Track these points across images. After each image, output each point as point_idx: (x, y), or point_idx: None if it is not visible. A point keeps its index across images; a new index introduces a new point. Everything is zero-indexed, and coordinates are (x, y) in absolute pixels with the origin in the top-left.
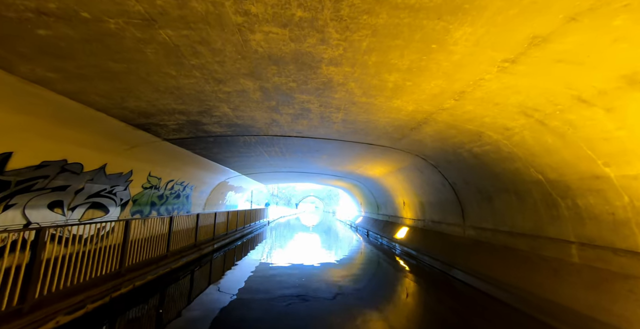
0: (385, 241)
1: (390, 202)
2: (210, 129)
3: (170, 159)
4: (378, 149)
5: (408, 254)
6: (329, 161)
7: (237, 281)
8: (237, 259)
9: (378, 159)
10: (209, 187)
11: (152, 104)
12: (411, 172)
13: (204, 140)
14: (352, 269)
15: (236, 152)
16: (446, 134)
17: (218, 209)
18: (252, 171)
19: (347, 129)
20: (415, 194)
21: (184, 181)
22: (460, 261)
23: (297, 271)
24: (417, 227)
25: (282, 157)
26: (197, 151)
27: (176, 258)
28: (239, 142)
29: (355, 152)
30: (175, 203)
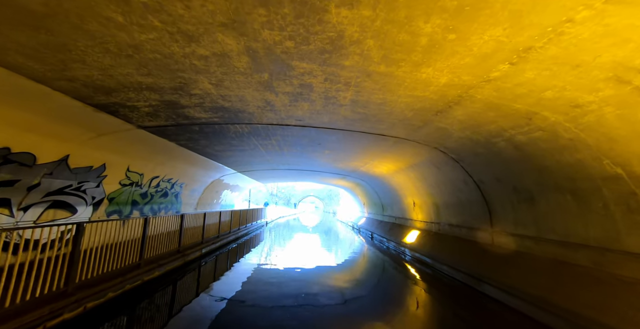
0: (392, 245)
1: (398, 203)
2: (193, 113)
3: (152, 152)
4: (390, 141)
5: (421, 262)
6: (332, 156)
7: (224, 295)
8: (228, 267)
9: (388, 153)
10: (202, 185)
11: (107, 73)
12: (426, 168)
13: (188, 129)
14: (358, 278)
15: (227, 145)
16: (482, 118)
17: (213, 209)
18: (249, 168)
19: (356, 115)
20: (428, 194)
21: (171, 178)
22: (491, 274)
23: (295, 284)
24: (430, 231)
25: (280, 152)
26: (183, 142)
27: (151, 268)
28: (229, 132)
29: (363, 145)
30: (162, 202)
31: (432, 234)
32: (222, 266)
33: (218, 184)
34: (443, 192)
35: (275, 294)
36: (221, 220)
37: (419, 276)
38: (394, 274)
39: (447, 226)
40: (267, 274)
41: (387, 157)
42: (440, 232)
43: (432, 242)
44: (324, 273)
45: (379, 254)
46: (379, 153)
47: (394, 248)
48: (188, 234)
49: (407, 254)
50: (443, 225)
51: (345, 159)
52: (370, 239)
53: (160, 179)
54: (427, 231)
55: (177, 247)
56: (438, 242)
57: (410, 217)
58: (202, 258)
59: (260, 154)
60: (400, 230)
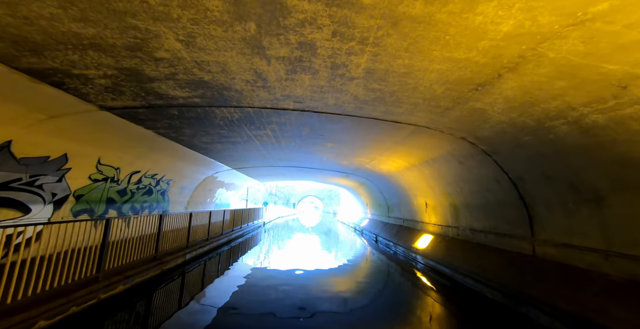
0: (400, 250)
1: (406, 204)
2: (166, 90)
3: (127, 142)
4: (405, 130)
5: (437, 271)
6: (335, 151)
7: (205, 316)
8: (215, 276)
9: (400, 146)
10: (193, 182)
11: (19, 12)
12: (445, 164)
13: (165, 113)
14: (364, 289)
15: (216, 136)
16: (543, 91)
17: (206, 208)
18: (244, 165)
19: (369, 94)
20: (445, 194)
21: (156, 174)
22: (539, 295)
23: (291, 301)
24: (446, 236)
25: (277, 146)
26: (163, 131)
27: (114, 281)
28: (215, 119)
29: (372, 136)
30: (145, 201)
31: (448, 240)
32: (209, 275)
33: (211, 182)
34: (464, 192)
35: (275, 301)
36: (212, 221)
37: (437, 289)
38: (406, 285)
39: (469, 231)
40: (261, 283)
41: (399, 151)
42: (459, 238)
43: (449, 250)
44: (327, 287)
45: (386, 260)
46: (389, 146)
47: (402, 253)
48: (169, 238)
49: (418, 261)
50: (463, 230)
51: (350, 154)
52: (374, 242)
53: (142, 174)
54: (443, 236)
55: (153, 253)
56: (458, 250)
57: (421, 219)
58: (186, 264)
59: (255, 147)
60: (410, 234)
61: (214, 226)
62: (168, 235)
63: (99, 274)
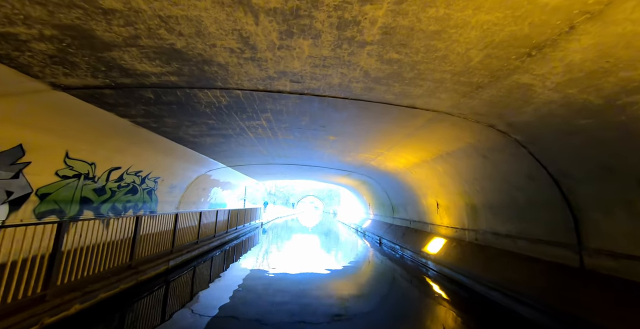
0: (408, 254)
1: (414, 204)
2: (132, 63)
3: (102, 133)
4: (422, 118)
5: (452, 280)
6: (338, 145)
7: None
8: (201, 287)
9: (412, 139)
10: (184, 181)
11: None
12: (464, 159)
13: (138, 96)
14: (375, 303)
15: (205, 127)
16: (632, 50)
17: (200, 208)
18: (240, 162)
19: (383, 68)
20: (460, 193)
21: (140, 171)
22: (590, 316)
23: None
24: (462, 240)
25: (274, 140)
26: (141, 120)
27: (67, 301)
28: (199, 105)
29: (382, 126)
30: (129, 200)
31: (465, 245)
32: (194, 285)
33: (205, 181)
34: (486, 190)
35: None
36: (204, 222)
37: (455, 301)
38: (417, 294)
39: (491, 235)
40: (254, 297)
41: (409, 145)
42: (478, 243)
43: (467, 256)
44: (330, 299)
45: (392, 266)
46: (399, 140)
47: (410, 258)
48: (150, 243)
49: (430, 267)
50: (483, 234)
51: (354, 149)
52: (378, 244)
53: (124, 171)
54: (458, 241)
55: (127, 261)
56: (478, 257)
57: (430, 221)
58: (169, 273)
59: (249, 141)
60: (418, 237)
61: (206, 228)
62: (148, 239)
63: (47, 291)
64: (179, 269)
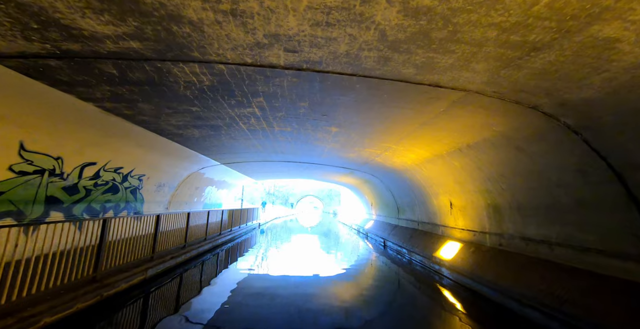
0: (417, 259)
1: (422, 204)
2: (72, 18)
3: (65, 121)
4: (445, 100)
5: (472, 291)
6: (341, 138)
7: None
8: (179, 302)
9: (427, 129)
10: (174, 179)
11: None
12: (490, 151)
13: (97, 71)
14: (382, 314)
15: (188, 116)
16: None
17: (193, 208)
18: (234, 159)
19: (409, 22)
20: (481, 191)
21: (121, 167)
22: None
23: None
24: (482, 245)
25: (270, 132)
26: (110, 106)
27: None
28: (177, 86)
29: (394, 112)
30: (109, 200)
31: (486, 251)
32: (174, 301)
33: (198, 179)
34: (515, 188)
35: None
36: (194, 224)
37: (480, 319)
38: (434, 309)
39: (519, 240)
40: (247, 314)
41: (423, 136)
42: (502, 249)
43: (490, 264)
44: (332, 316)
45: (401, 272)
46: (412, 130)
47: (420, 263)
48: (121, 249)
49: (444, 275)
50: (509, 238)
51: (358, 143)
52: (382, 247)
53: (100, 167)
54: (477, 245)
55: (90, 273)
56: (505, 265)
57: (442, 223)
58: (146, 284)
59: (242, 134)
60: (429, 240)
61: (195, 230)
62: (121, 246)
63: None
64: (160, 279)
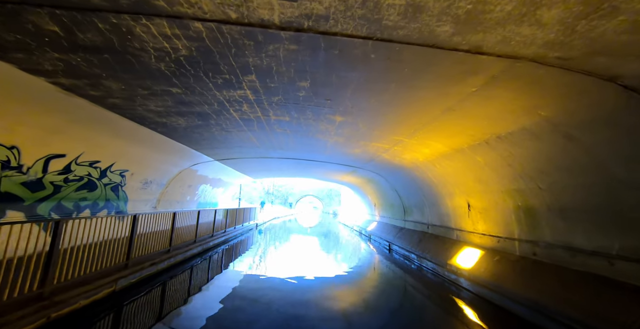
0: (428, 265)
1: (433, 205)
2: None
3: (13, 101)
4: (485, 72)
5: (500, 308)
6: (347, 129)
7: None
8: (152, 322)
9: (449, 116)
10: (163, 176)
11: None
12: (528, 142)
13: (30, 26)
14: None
15: (168, 98)
16: None
17: (186, 207)
18: (229, 155)
19: None
20: (510, 190)
21: (97, 161)
22: None
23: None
24: (510, 253)
25: (265, 122)
26: (66, 82)
27: None
28: (145, 53)
29: (413, 93)
30: (85, 198)
31: (516, 261)
32: (147, 317)
33: (190, 177)
34: (556, 186)
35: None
36: (182, 225)
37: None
38: (454, 326)
39: (562, 250)
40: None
41: (442, 126)
42: (537, 259)
43: (524, 276)
44: None
45: (410, 280)
46: (432, 117)
47: (432, 271)
48: (84, 257)
49: (462, 286)
50: (547, 247)
51: (366, 135)
52: (387, 251)
53: (72, 160)
54: (503, 254)
55: (35, 289)
56: (545, 280)
57: (457, 226)
58: (116, 298)
59: (235, 125)
60: (442, 245)
61: (184, 232)
62: (83, 252)
63: None
64: (136, 290)
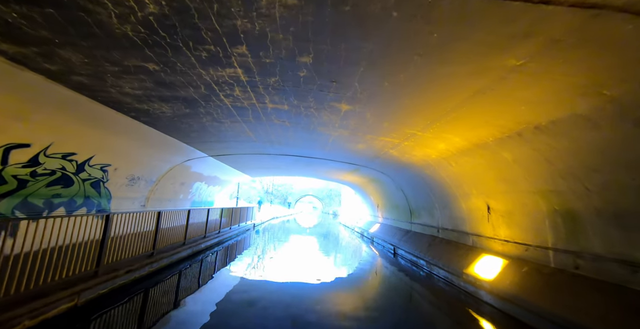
0: (440, 273)
1: (444, 207)
2: None
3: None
4: (539, 35)
5: (531, 328)
6: (352, 120)
7: None
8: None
9: (477, 102)
10: (153, 172)
11: None
12: (578, 132)
13: None
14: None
15: (145, 78)
16: None
17: (179, 206)
18: (225, 151)
19: None
20: (544, 191)
21: (72, 153)
22: None
23: None
24: (542, 264)
25: (261, 111)
26: (8, 50)
27: None
28: (102, 10)
29: (439, 74)
30: (58, 194)
31: (551, 274)
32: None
33: (183, 173)
34: (615, 186)
35: None
36: (170, 225)
37: None
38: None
39: (617, 265)
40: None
41: (468, 114)
42: (580, 274)
43: (562, 293)
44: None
45: (419, 289)
46: (458, 103)
47: (444, 279)
48: (36, 266)
49: (483, 300)
50: (593, 260)
51: (373, 128)
52: (391, 255)
53: (40, 151)
54: (533, 264)
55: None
56: (597, 301)
57: (474, 231)
58: (75, 313)
59: (227, 113)
60: (455, 251)
61: (171, 233)
62: (40, 259)
63: None
64: (106, 302)
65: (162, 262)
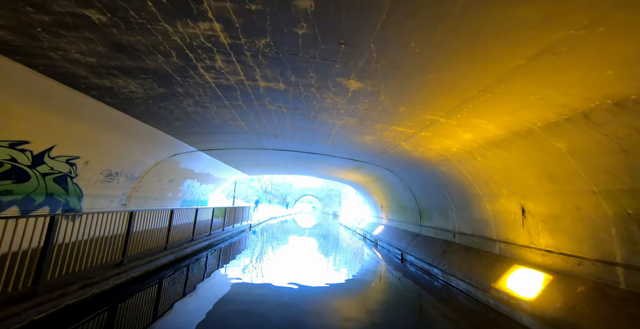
0: (459, 285)
1: (462, 208)
2: None
3: None
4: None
5: None
6: (362, 104)
7: None
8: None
9: (533, 68)
10: (134, 166)
11: None
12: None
13: None
14: None
15: (86, 30)
16: None
17: (168, 205)
18: (216, 145)
19: None
20: (612, 191)
21: (23, 142)
22: None
23: None
24: (608, 285)
25: (252, 91)
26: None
27: None
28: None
29: (485, 32)
30: (9, 191)
31: (623, 299)
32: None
33: (171, 170)
34: None
35: None
36: (147, 228)
37: None
38: None
39: None
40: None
41: (513, 89)
42: None
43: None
44: None
45: (434, 302)
46: (510, 71)
47: (466, 292)
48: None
49: (522, 324)
50: None
51: (387, 114)
52: (398, 261)
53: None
54: (594, 284)
55: None
56: None
57: (501, 238)
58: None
59: (212, 95)
60: (477, 260)
61: (148, 236)
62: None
63: None
64: (49, 326)
65: (133, 272)
